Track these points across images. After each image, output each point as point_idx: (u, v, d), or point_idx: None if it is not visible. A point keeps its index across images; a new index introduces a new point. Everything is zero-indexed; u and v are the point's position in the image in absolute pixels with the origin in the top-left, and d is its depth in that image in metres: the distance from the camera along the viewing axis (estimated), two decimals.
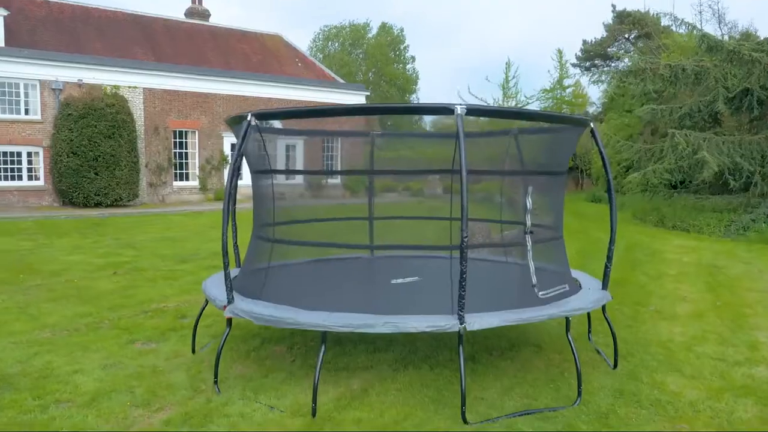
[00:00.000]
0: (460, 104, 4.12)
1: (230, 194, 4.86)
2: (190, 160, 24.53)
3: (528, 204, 4.83)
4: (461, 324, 4.12)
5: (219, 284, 5.24)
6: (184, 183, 24.35)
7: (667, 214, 17.51)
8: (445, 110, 4.19)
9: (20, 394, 4.51)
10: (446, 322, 4.14)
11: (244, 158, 5.21)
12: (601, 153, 5.07)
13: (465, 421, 4.08)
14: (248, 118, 4.69)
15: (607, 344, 5.77)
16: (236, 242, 6.28)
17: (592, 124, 5.07)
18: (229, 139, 25.12)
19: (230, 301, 4.69)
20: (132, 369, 5.11)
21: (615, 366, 5.27)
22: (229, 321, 4.77)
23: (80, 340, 5.90)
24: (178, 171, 24.26)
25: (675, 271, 10.25)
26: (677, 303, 7.86)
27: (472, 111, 4.21)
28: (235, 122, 5.09)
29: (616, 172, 25.57)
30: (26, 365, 5.14)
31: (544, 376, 5.02)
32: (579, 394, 4.51)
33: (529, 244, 4.82)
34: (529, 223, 4.83)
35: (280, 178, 6.07)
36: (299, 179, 10.50)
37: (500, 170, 6.12)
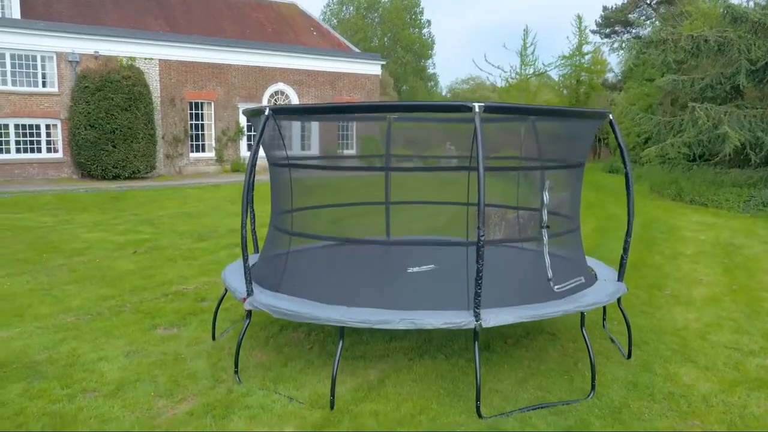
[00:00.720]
0: (479, 103, 4.11)
1: (249, 186, 4.91)
2: (206, 132, 24.58)
3: (545, 198, 4.83)
4: (477, 321, 4.18)
5: (238, 273, 5.32)
6: (200, 154, 24.45)
7: (686, 188, 17.34)
8: (464, 108, 4.19)
9: (49, 383, 4.66)
10: (462, 319, 4.20)
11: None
12: (620, 147, 5.03)
13: (480, 416, 4.17)
14: (266, 112, 4.71)
15: (622, 332, 5.81)
16: (254, 228, 6.36)
17: (611, 116, 5.02)
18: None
19: (250, 293, 4.78)
20: (155, 356, 5.24)
21: (629, 356, 5.32)
22: (249, 312, 4.86)
23: (104, 325, 6.05)
24: (194, 142, 24.33)
25: (691, 250, 10.22)
26: (693, 286, 7.86)
27: (490, 108, 4.20)
28: (252, 115, 5.11)
29: (634, 143, 25.26)
30: (53, 352, 5.30)
31: (559, 367, 5.09)
32: (593, 387, 4.57)
33: (546, 238, 4.83)
34: (545, 217, 4.84)
35: (296, 150, 6.02)
36: (314, 151, 10.54)
37: (517, 165, 6.09)
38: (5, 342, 5.54)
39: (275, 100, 26.02)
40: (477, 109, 4.10)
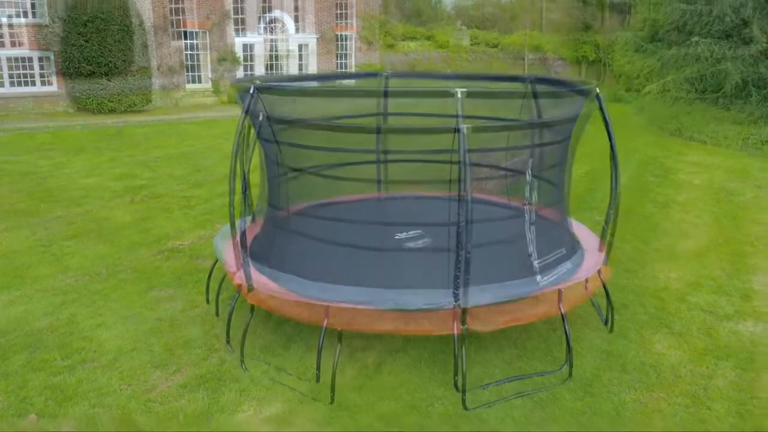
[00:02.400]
0: (461, 89, 4.12)
1: (235, 172, 4.96)
2: (201, 62, 24.14)
3: (528, 176, 4.88)
4: (456, 301, 4.34)
5: (230, 242, 5.42)
6: (196, 86, 24.10)
7: (686, 123, 17.18)
8: (446, 94, 4.21)
9: (50, 353, 4.90)
10: (442, 300, 4.36)
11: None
12: (605, 122, 5.03)
13: (457, 389, 4.40)
14: (251, 90, 4.70)
15: (603, 294, 5.98)
16: (245, 189, 6.42)
17: (597, 90, 5.00)
18: (240, 39, 24.55)
19: (239, 268, 4.92)
20: (151, 323, 5.46)
21: (606, 323, 5.52)
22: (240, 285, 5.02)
23: (102, 287, 6.25)
24: (190, 73, 23.96)
25: (684, 197, 10.29)
26: (680, 239, 7.99)
27: (472, 94, 4.21)
28: (240, 91, 5.10)
29: (638, 73, 24.79)
30: (53, 318, 5.52)
31: (539, 335, 5.26)
32: (567, 360, 4.76)
33: (528, 215, 4.92)
34: (528, 194, 4.90)
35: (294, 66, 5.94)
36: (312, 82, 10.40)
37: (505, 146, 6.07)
38: (6, 307, 5.76)
39: (272, 28, 25.40)
40: (459, 95, 4.11)
